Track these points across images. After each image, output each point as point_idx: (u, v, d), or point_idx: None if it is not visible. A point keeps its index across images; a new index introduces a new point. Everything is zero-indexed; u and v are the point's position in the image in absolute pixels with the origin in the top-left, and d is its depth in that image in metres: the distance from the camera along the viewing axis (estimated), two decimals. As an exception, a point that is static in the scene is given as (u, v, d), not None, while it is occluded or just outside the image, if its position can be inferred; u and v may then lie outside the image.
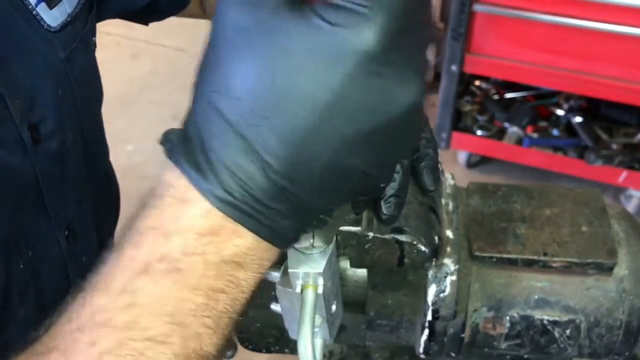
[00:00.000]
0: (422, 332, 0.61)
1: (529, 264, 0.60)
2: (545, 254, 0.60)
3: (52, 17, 0.68)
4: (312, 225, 0.43)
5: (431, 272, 0.58)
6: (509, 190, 0.66)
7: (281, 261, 0.55)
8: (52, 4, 0.68)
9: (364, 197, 0.47)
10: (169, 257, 0.39)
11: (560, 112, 2.69)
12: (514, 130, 2.68)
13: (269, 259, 0.42)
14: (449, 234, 0.60)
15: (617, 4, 2.18)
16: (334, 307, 0.55)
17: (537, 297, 0.60)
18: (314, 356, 0.49)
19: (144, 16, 0.93)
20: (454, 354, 0.64)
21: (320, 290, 0.51)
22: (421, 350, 0.63)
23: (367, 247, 0.53)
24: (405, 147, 0.42)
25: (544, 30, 2.32)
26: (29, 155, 0.66)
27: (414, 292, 0.60)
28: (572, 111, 2.67)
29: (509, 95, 2.78)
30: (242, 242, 0.40)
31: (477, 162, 2.92)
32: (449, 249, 0.59)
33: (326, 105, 0.36)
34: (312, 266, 0.50)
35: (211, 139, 0.38)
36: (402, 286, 0.59)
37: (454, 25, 2.41)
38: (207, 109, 0.38)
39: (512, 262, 0.60)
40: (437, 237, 0.55)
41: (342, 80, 0.35)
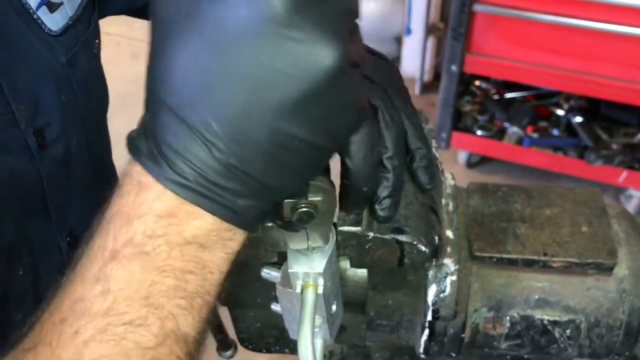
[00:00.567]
0: (422, 332, 0.61)
1: (529, 264, 0.60)
2: (545, 254, 0.60)
3: (53, 21, 0.68)
4: (272, 204, 0.43)
5: (431, 272, 0.58)
6: (509, 190, 0.66)
7: (281, 261, 0.55)
8: (53, 7, 0.68)
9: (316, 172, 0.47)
10: (134, 242, 0.40)
11: (560, 112, 2.69)
12: (514, 130, 2.68)
13: (235, 240, 0.43)
14: (449, 234, 0.60)
15: (617, 4, 2.18)
16: (334, 307, 0.55)
17: (537, 297, 0.60)
18: (314, 356, 0.49)
19: (147, 13, 0.92)
20: (454, 354, 0.64)
21: (320, 290, 0.51)
22: (421, 350, 0.63)
23: (367, 247, 0.53)
24: (345, 113, 0.41)
25: (544, 30, 2.32)
26: (35, 160, 0.66)
27: (414, 292, 0.60)
28: (572, 111, 2.67)
29: (509, 95, 2.78)
30: (201, 223, 0.40)
31: (477, 162, 2.92)
32: (449, 249, 0.59)
33: (246, 76, 0.37)
34: (312, 266, 0.50)
35: (159, 126, 0.39)
36: (402, 286, 0.59)
37: (454, 25, 2.41)
38: (153, 99, 0.40)
39: (512, 262, 0.60)
40: (437, 237, 0.55)
41: (254, 48, 0.36)
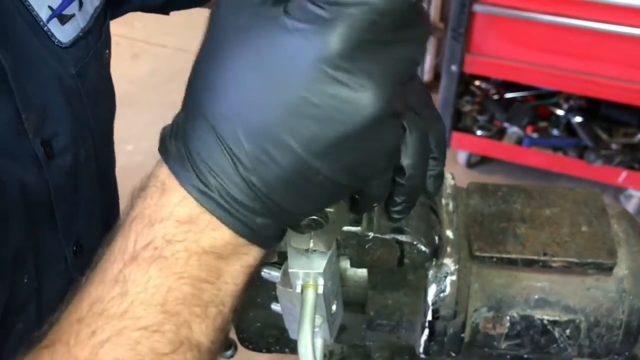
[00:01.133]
0: (422, 332, 0.61)
1: (529, 264, 0.60)
2: (545, 254, 0.60)
3: (64, 33, 0.68)
4: (289, 225, 0.44)
5: (431, 272, 0.58)
6: (509, 190, 0.66)
7: (281, 261, 0.55)
8: (64, 19, 0.68)
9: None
10: (154, 244, 0.40)
11: (560, 112, 2.69)
12: (513, 130, 2.68)
13: (251, 255, 0.43)
14: (449, 234, 0.60)
15: (617, 4, 2.18)
16: (334, 307, 0.55)
17: (537, 297, 0.60)
18: (314, 356, 0.49)
19: (162, 8, 0.92)
20: (454, 354, 0.64)
21: (320, 290, 0.51)
22: (421, 350, 0.63)
23: (367, 247, 0.53)
24: (375, 160, 0.41)
25: (544, 30, 2.32)
26: (43, 170, 0.66)
27: (414, 292, 0.60)
28: (572, 111, 2.67)
29: (509, 95, 2.78)
30: (219, 235, 0.41)
31: (477, 162, 2.92)
32: (449, 249, 0.59)
33: (287, 105, 0.37)
34: (312, 266, 0.50)
35: (192, 131, 0.40)
36: (402, 286, 0.59)
37: (454, 25, 2.41)
38: (191, 103, 0.41)
39: (512, 262, 0.60)
40: (437, 237, 0.55)
41: (301, 80, 0.37)
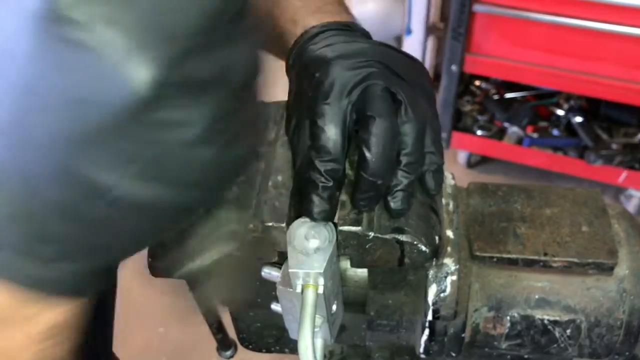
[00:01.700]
0: (422, 332, 0.61)
1: (529, 264, 0.60)
2: (545, 254, 0.60)
3: None
4: (111, 263, 0.36)
5: (431, 272, 0.58)
6: (509, 190, 0.66)
7: (281, 261, 0.55)
8: None
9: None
10: None
11: (560, 112, 2.69)
12: (514, 130, 2.67)
13: (45, 315, 0.34)
14: (450, 233, 0.60)
15: (617, 4, 2.18)
16: (334, 307, 0.55)
17: (537, 297, 0.60)
18: (315, 356, 0.49)
19: None
20: (454, 354, 0.64)
21: (320, 290, 0.51)
22: (421, 350, 0.63)
23: (367, 247, 0.53)
24: (178, 158, 0.30)
25: (544, 30, 2.32)
26: None
27: (414, 292, 0.60)
28: (572, 111, 2.66)
29: (509, 95, 2.78)
30: None
31: (477, 162, 2.92)
32: (449, 249, 0.59)
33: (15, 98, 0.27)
34: (312, 266, 0.50)
35: None
36: (402, 286, 0.59)
37: (454, 25, 2.41)
38: None
39: (513, 262, 0.60)
40: (437, 237, 0.55)
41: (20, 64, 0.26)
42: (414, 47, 3.02)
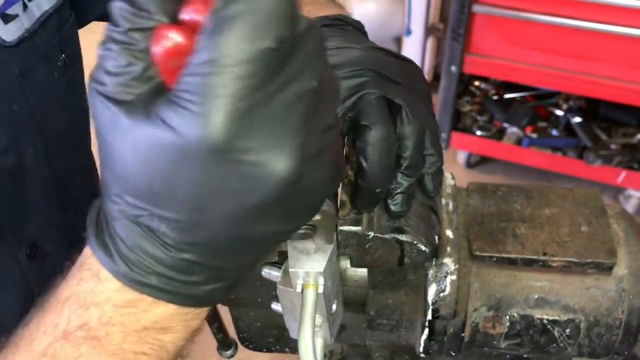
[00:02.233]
0: (422, 332, 0.61)
1: (529, 264, 0.60)
2: (544, 254, 0.60)
3: (8, 32, 0.68)
4: (238, 280, 0.43)
5: (431, 272, 0.58)
6: (508, 190, 0.66)
7: (282, 261, 0.55)
8: (7, 18, 0.67)
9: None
10: (88, 326, 0.40)
11: (559, 113, 2.69)
12: (513, 130, 2.68)
13: (199, 317, 0.43)
14: (449, 233, 0.60)
15: (617, 4, 2.18)
16: (334, 307, 0.55)
17: (536, 296, 0.60)
18: (315, 356, 0.49)
19: None
20: (453, 354, 0.64)
21: (320, 289, 0.51)
22: (421, 349, 0.63)
23: (367, 246, 0.53)
24: (310, 204, 0.40)
25: (544, 30, 2.32)
26: None
27: (414, 292, 0.60)
28: (571, 111, 2.67)
29: (508, 95, 2.78)
30: (164, 310, 0.40)
31: (477, 162, 2.93)
32: (449, 249, 0.59)
33: (193, 196, 0.36)
34: (312, 266, 0.50)
35: (114, 223, 0.39)
36: (402, 286, 0.59)
37: (453, 25, 2.41)
38: (105, 196, 0.39)
39: (512, 262, 0.60)
40: (437, 237, 0.55)
41: (196, 174, 0.35)
42: (413, 48, 3.02)
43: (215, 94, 0.33)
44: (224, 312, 0.70)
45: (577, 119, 2.63)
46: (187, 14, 0.37)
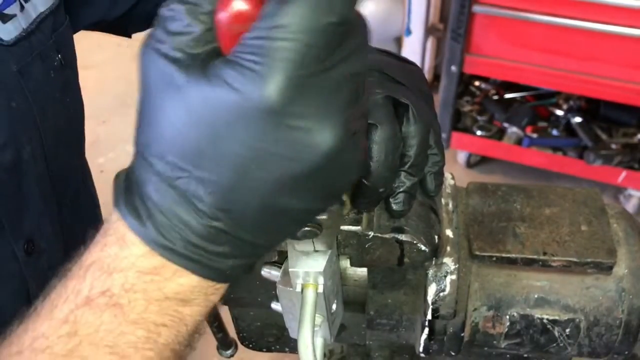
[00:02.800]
0: (422, 331, 0.61)
1: (529, 264, 0.60)
2: (544, 254, 0.60)
3: (6, 31, 0.69)
4: (259, 258, 0.44)
5: (431, 272, 0.58)
6: (508, 190, 0.66)
7: (281, 260, 0.55)
8: (5, 18, 0.69)
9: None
10: (110, 292, 0.40)
11: (559, 113, 2.69)
12: (513, 130, 2.68)
13: (218, 293, 0.43)
14: (449, 233, 0.60)
15: (617, 4, 2.18)
16: (334, 306, 0.55)
17: (536, 296, 0.60)
18: (314, 355, 0.49)
19: (122, 28, 0.92)
20: (453, 353, 0.64)
21: (320, 289, 0.51)
22: (421, 349, 0.63)
23: (367, 246, 0.53)
24: (344, 178, 0.41)
25: (544, 30, 2.32)
26: None
27: (414, 291, 0.60)
28: (571, 111, 2.67)
29: (508, 95, 2.79)
30: (186, 281, 0.41)
31: (477, 162, 2.93)
32: (448, 249, 0.59)
33: (240, 158, 0.37)
34: (312, 265, 0.50)
35: (147, 186, 0.39)
36: (402, 285, 0.60)
37: (453, 26, 2.41)
38: (141, 158, 0.40)
39: (512, 262, 0.60)
40: (437, 237, 0.55)
41: (249, 135, 0.36)
42: (413, 48, 3.02)
43: (279, 57, 0.34)
44: (224, 312, 0.70)
45: (577, 119, 2.63)
46: None
